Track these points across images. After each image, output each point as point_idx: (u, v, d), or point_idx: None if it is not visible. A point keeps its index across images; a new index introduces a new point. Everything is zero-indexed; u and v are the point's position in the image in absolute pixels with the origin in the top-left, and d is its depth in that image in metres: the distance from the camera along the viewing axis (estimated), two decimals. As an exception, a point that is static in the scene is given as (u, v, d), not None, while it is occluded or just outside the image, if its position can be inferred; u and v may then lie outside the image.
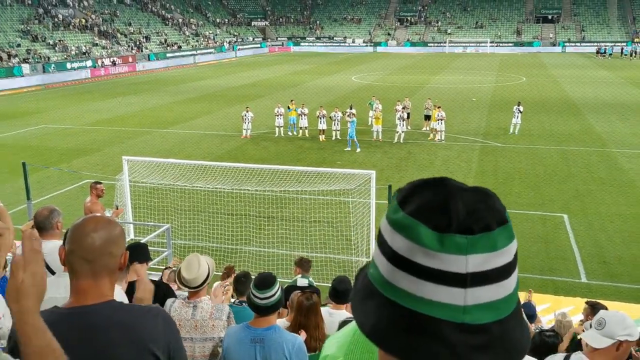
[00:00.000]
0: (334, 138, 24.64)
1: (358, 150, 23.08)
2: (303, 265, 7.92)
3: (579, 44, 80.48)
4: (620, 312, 3.53)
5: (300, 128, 26.04)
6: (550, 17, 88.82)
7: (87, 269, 2.03)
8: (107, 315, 2.04)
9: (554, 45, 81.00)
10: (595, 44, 76.75)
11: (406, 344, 0.83)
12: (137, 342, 2.06)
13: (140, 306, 2.40)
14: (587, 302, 7.25)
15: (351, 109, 25.38)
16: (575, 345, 5.44)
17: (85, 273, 2.03)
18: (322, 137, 24.99)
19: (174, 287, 5.98)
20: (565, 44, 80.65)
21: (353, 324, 1.35)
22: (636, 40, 77.08)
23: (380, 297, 0.87)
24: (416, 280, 0.83)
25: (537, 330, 6.50)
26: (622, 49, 72.73)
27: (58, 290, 2.87)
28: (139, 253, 5.44)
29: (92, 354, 2.01)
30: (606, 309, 6.08)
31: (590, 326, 3.52)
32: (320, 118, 24.77)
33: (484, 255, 0.82)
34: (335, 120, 24.67)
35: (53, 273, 3.59)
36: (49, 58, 54.45)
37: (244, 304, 5.32)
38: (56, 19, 63.94)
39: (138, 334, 2.07)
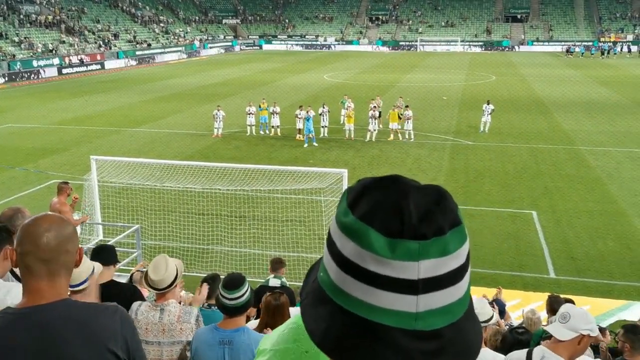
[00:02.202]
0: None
1: (306, 146, 23.33)
2: (274, 265, 7.88)
3: (547, 43, 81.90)
4: (583, 308, 3.74)
5: (273, 127, 25.93)
6: (519, 16, 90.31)
7: (44, 269, 2.00)
8: (63, 314, 2.01)
9: (523, 44, 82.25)
10: (563, 43, 78.23)
11: (358, 353, 0.80)
12: (93, 340, 2.04)
13: (96, 304, 2.37)
14: (548, 296, 7.46)
15: (324, 107, 25.39)
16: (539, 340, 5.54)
17: (41, 273, 2.00)
18: (299, 137, 24.79)
19: (144, 291, 5.87)
20: (534, 43, 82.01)
21: (288, 321, 1.35)
22: (602, 39, 78.73)
23: (331, 304, 0.84)
24: (367, 287, 0.80)
25: (508, 327, 6.57)
26: (590, 48, 74.23)
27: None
28: (105, 255, 5.33)
29: (48, 353, 1.98)
30: (567, 302, 6.21)
31: (551, 322, 3.64)
32: (299, 118, 24.63)
33: (436, 260, 0.79)
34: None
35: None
36: (14, 56, 53.15)
37: (213, 307, 5.24)
38: (22, 16, 62.46)
39: (94, 332, 2.05)
